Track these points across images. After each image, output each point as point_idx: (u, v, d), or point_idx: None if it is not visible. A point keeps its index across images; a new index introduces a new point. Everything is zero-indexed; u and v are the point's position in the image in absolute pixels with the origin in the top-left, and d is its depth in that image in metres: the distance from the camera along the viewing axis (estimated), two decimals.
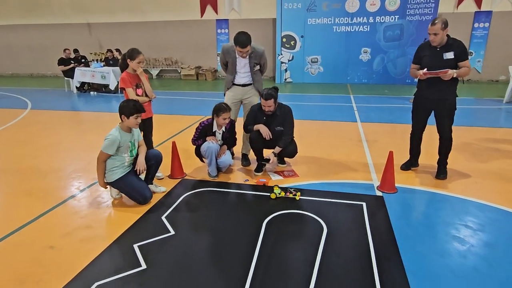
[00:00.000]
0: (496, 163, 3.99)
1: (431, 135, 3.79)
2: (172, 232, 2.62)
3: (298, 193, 3.13)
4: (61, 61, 10.00)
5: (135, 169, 3.12)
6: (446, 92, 3.40)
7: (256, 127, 3.62)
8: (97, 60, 11.68)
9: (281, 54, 11.43)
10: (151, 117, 3.60)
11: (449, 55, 3.33)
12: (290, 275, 2.13)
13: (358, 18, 10.56)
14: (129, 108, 2.92)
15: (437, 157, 3.63)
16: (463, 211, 2.91)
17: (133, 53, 3.31)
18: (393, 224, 2.69)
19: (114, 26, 13.45)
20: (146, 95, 3.49)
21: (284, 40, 11.31)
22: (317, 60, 11.37)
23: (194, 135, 3.64)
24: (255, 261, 2.25)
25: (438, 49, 3.37)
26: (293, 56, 11.44)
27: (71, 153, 4.55)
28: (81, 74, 9.80)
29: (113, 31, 13.48)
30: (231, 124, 3.71)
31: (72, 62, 10.17)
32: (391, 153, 3.24)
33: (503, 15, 10.18)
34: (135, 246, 2.44)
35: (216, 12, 12.43)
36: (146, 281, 2.09)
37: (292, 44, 11.34)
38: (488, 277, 2.10)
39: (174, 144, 3.69)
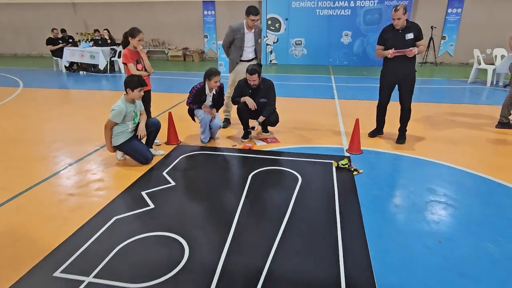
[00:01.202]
0: (449, 131, 4.63)
1: (394, 110, 4.36)
2: (173, 183, 3.13)
3: (360, 171, 3.36)
4: (50, 41, 10.11)
5: (136, 134, 3.59)
6: (409, 68, 3.97)
7: (242, 99, 4.11)
8: (85, 40, 11.76)
9: (267, 37, 11.80)
10: (150, 90, 4.04)
11: (410, 36, 3.88)
12: (270, 211, 2.69)
13: (340, 2, 11.01)
14: (133, 83, 3.36)
15: (399, 126, 4.23)
16: (414, 166, 3.53)
17: (134, 32, 3.72)
18: (355, 176, 3.27)
19: (100, 6, 13.45)
20: (145, 70, 3.92)
21: (269, 22, 11.67)
22: (301, 43, 11.81)
23: (188, 98, 4.09)
24: (242, 203, 2.80)
25: (400, 31, 3.90)
26: (278, 39, 11.84)
27: (73, 125, 4.95)
28: (70, 54, 9.97)
29: (99, 11, 13.49)
30: (220, 88, 4.19)
31: (60, 41, 10.30)
32: (357, 121, 3.81)
33: (474, 1, 10.80)
34: (143, 193, 2.95)
35: None
36: (156, 215, 2.61)
37: (277, 27, 11.72)
38: (423, 209, 2.71)
39: (170, 114, 4.15)
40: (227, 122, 4.80)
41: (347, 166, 3.43)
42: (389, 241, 2.32)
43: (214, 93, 4.13)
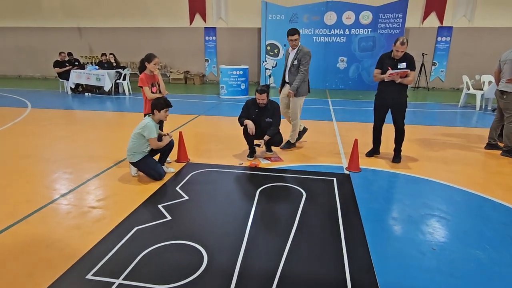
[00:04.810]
0: (441, 152, 4.95)
1: (390, 132, 4.68)
2: (187, 197, 3.36)
3: None
4: (57, 63, 10.50)
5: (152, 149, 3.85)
6: (400, 93, 4.32)
7: (245, 122, 4.38)
8: (91, 63, 12.18)
9: (266, 61, 12.31)
10: None
11: (403, 65, 4.25)
12: (279, 222, 2.92)
13: (336, 30, 11.61)
14: (161, 104, 3.68)
15: (394, 146, 4.54)
16: (409, 183, 3.80)
17: (150, 57, 4.06)
18: (355, 191, 3.53)
19: (105, 31, 13.99)
20: (160, 92, 4.23)
21: (268, 48, 12.21)
22: None
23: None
24: (252, 214, 3.03)
25: (395, 60, 4.28)
26: (276, 63, 12.34)
27: (84, 143, 5.19)
28: (77, 76, 10.33)
29: (104, 35, 14.01)
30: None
31: (67, 64, 10.69)
32: (356, 141, 4.12)
33: (462, 30, 11.47)
34: (160, 206, 3.18)
35: (205, 21, 13.22)
36: (174, 226, 2.83)
37: (276, 52, 12.25)
38: (418, 221, 2.96)
39: (180, 134, 4.43)
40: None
41: None
42: (388, 248, 2.56)
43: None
